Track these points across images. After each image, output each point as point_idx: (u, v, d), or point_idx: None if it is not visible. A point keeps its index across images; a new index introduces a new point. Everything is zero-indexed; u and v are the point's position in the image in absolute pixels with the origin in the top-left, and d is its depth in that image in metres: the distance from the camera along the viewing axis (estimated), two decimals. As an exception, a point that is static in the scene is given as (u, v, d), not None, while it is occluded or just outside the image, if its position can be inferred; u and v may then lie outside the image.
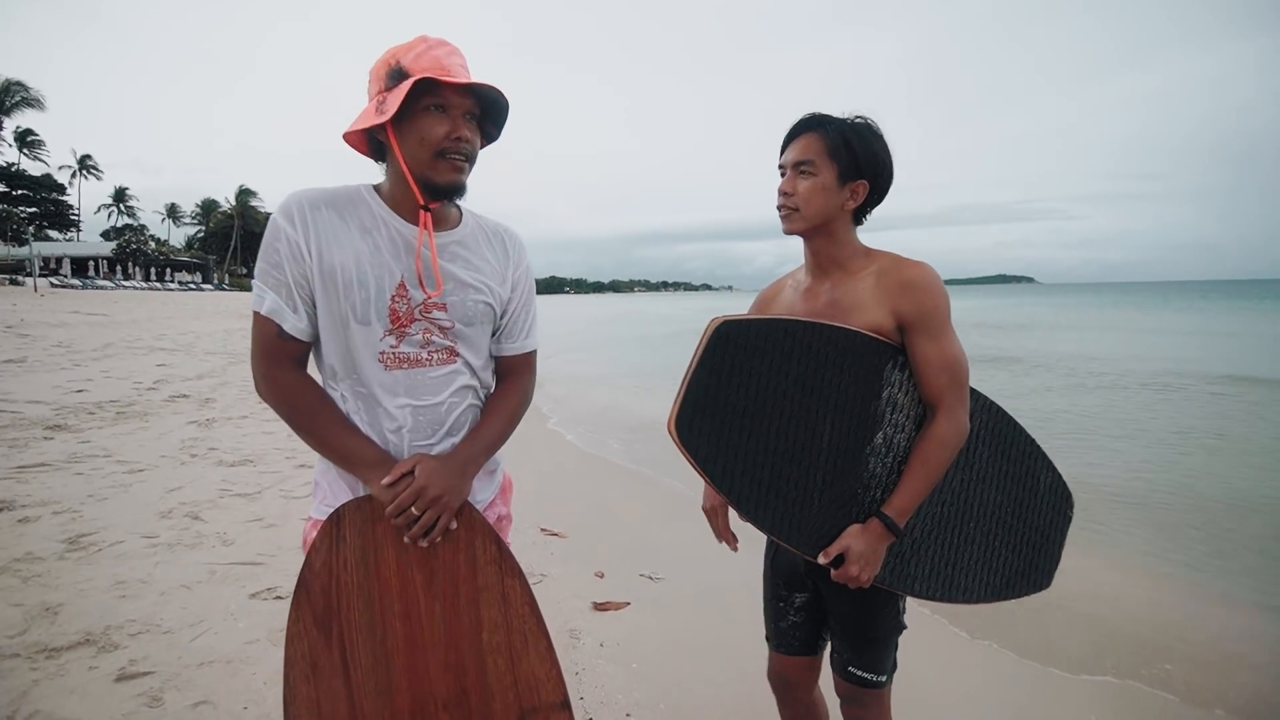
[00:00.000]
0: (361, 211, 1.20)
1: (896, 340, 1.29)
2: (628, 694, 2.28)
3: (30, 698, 2.00)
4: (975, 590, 1.40)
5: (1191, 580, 3.54)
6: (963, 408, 1.28)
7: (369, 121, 1.14)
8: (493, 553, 1.21)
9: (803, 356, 1.27)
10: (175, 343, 13.08)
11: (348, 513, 1.18)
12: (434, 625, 1.19)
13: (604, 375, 12.92)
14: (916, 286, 1.26)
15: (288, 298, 1.17)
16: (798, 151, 1.32)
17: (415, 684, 1.18)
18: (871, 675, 1.39)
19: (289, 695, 1.16)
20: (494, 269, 1.30)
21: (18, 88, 56.03)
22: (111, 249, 65.11)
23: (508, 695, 1.20)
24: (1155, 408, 8.72)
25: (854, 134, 1.29)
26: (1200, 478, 5.47)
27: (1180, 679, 2.53)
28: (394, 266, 1.19)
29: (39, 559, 2.95)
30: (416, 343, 1.21)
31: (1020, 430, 1.44)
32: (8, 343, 10.84)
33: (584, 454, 6.23)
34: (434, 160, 1.15)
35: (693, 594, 3.06)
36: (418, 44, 1.15)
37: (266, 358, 1.19)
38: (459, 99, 1.15)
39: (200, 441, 5.30)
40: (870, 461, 1.29)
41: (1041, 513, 1.45)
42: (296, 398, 1.19)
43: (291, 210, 1.16)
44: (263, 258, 1.18)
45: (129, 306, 25.57)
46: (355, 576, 1.18)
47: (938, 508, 1.36)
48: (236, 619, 2.55)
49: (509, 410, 1.34)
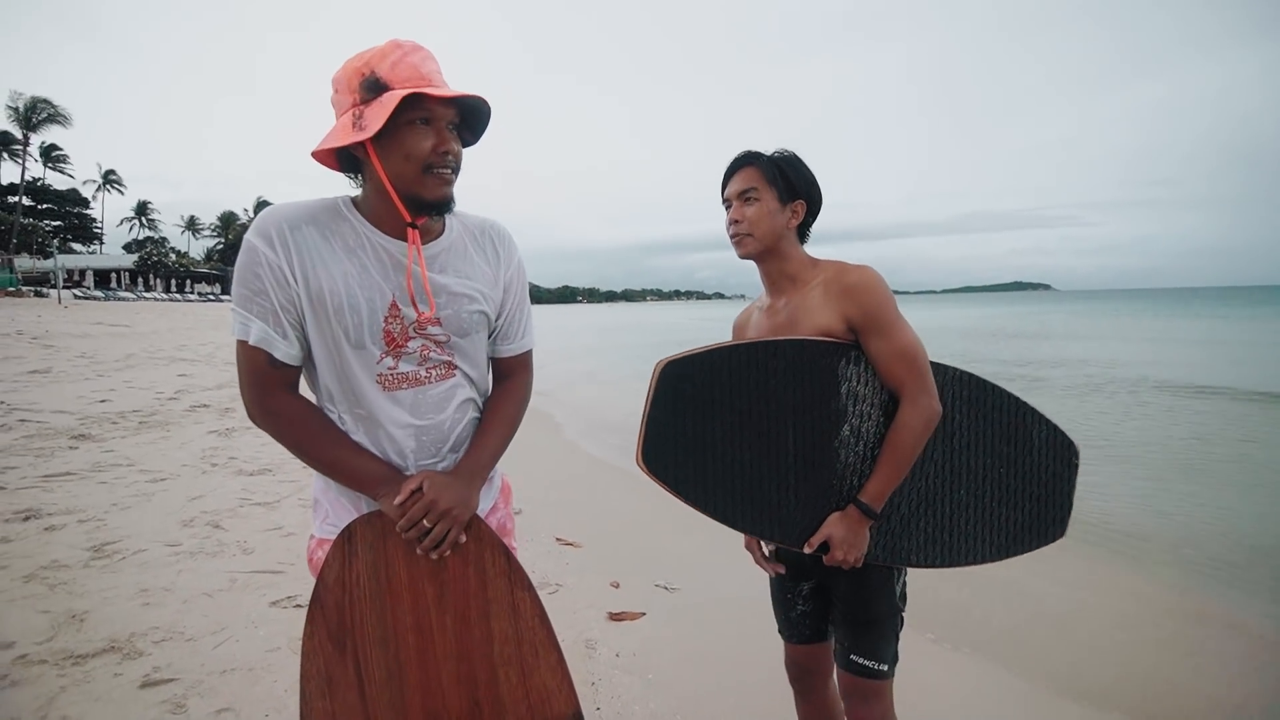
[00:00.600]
0: (344, 229, 1.14)
1: (846, 339, 1.38)
2: (644, 704, 2.28)
3: (58, 704, 2.04)
4: (979, 551, 1.46)
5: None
6: (925, 392, 1.35)
7: (346, 139, 1.05)
8: (502, 565, 1.22)
9: (752, 374, 1.38)
10: (196, 353, 13.28)
11: (359, 528, 1.19)
12: (446, 638, 1.19)
13: (618, 383, 12.96)
14: (858, 289, 1.36)
15: (275, 324, 1.10)
16: (740, 183, 1.46)
17: (428, 697, 1.19)
18: (872, 663, 1.43)
19: (305, 710, 1.17)
20: (485, 273, 1.25)
21: (44, 105, 57.40)
22: (133, 261, 66.36)
23: (520, 708, 1.20)
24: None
25: (784, 163, 1.45)
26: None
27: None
28: (384, 286, 1.14)
29: (65, 566, 3.01)
30: (414, 360, 1.18)
31: (1002, 393, 1.48)
32: (33, 354, 11.07)
33: (599, 464, 6.24)
34: (421, 176, 1.09)
35: (708, 604, 3.06)
36: (391, 50, 1.06)
37: (258, 387, 1.13)
38: (443, 110, 1.09)
39: (220, 451, 5.38)
40: (841, 453, 1.38)
41: (1042, 465, 1.49)
42: (296, 425, 1.15)
43: (270, 231, 1.09)
44: (241, 284, 1.09)
45: (150, 318, 26.01)
46: (367, 591, 1.18)
47: (921, 482, 1.43)
48: (257, 627, 2.58)
49: (508, 417, 1.32)
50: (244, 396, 1.15)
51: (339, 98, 1.09)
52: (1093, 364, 14.62)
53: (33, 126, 57.42)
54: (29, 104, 56.25)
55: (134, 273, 65.66)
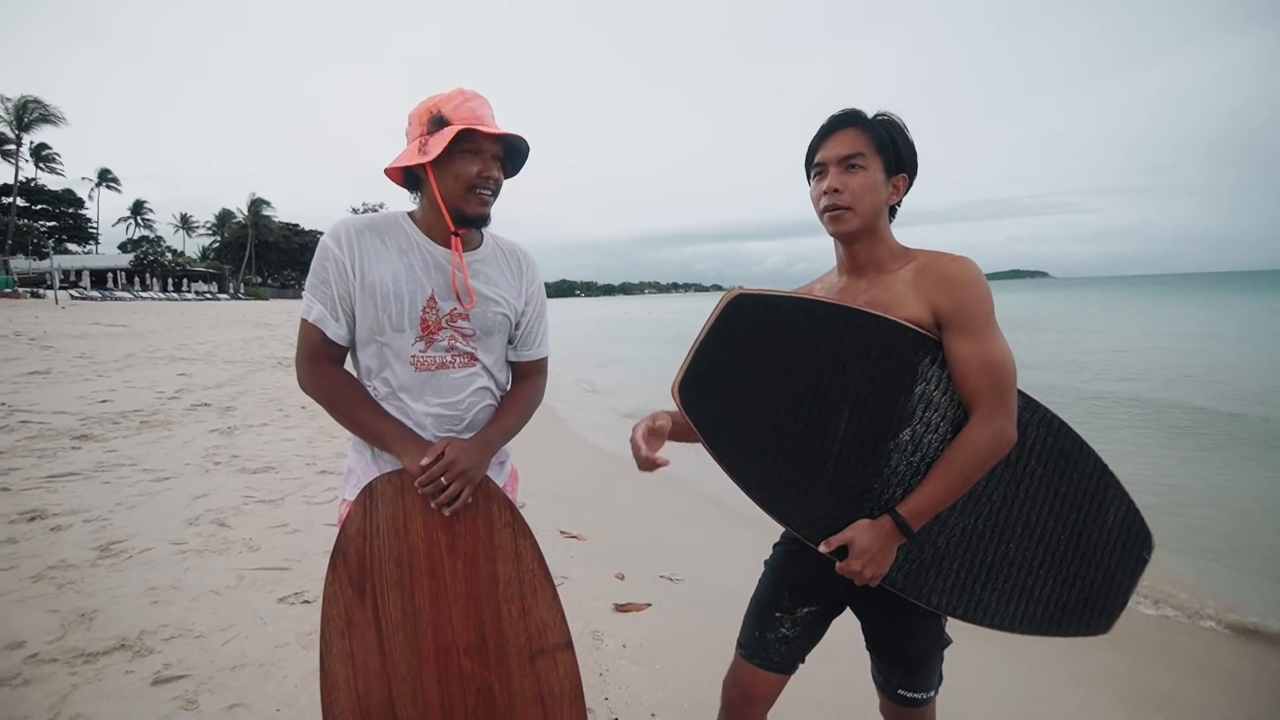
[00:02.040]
0: (399, 235, 1.38)
1: (934, 335, 1.23)
2: (652, 694, 2.30)
3: (70, 701, 2.05)
4: (1009, 616, 1.30)
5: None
6: (1004, 414, 1.18)
7: (412, 160, 1.31)
8: (507, 517, 1.38)
9: (825, 341, 1.22)
10: (194, 352, 13.26)
11: (380, 485, 1.34)
12: (456, 580, 1.34)
13: (620, 376, 12.99)
14: (955, 281, 1.20)
15: (331, 309, 1.35)
16: (843, 145, 1.26)
17: (439, 633, 1.33)
18: (921, 695, 1.37)
19: (325, 649, 1.30)
20: (510, 284, 1.48)
21: (35, 105, 57.03)
22: (129, 261, 66.12)
23: (520, 640, 1.36)
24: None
25: (894, 127, 1.27)
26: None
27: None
28: (425, 282, 1.37)
29: (72, 566, 3.02)
30: (442, 348, 1.39)
31: (1090, 453, 1.30)
32: (32, 355, 11.06)
33: (603, 456, 6.26)
34: (466, 194, 1.33)
35: (713, 595, 3.08)
36: (455, 96, 1.32)
37: (310, 358, 1.37)
38: (490, 144, 1.33)
39: (223, 449, 5.38)
40: (894, 457, 1.23)
41: (1107, 548, 1.30)
42: (336, 388, 1.37)
43: (340, 235, 1.35)
44: (312, 274, 1.36)
45: (148, 317, 25.96)
46: (387, 540, 1.33)
47: (971, 520, 1.27)
48: (266, 623, 2.60)
49: (522, 406, 1.52)
50: (298, 366, 1.39)
51: (411, 129, 1.35)
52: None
53: (25, 126, 57.07)
54: (20, 104, 55.88)
55: (130, 272, 65.43)
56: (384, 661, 1.31)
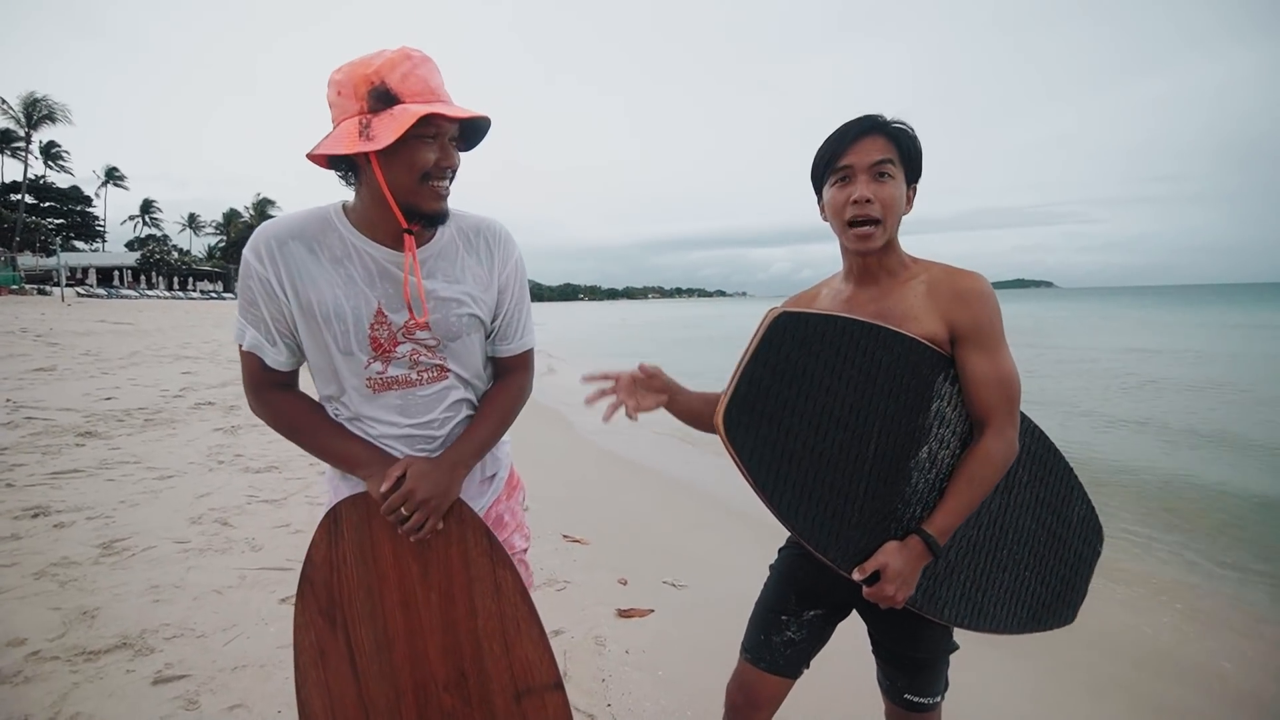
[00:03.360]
0: (331, 240, 1.16)
1: (948, 352, 1.24)
2: (655, 701, 2.28)
3: (71, 700, 2.05)
4: (1003, 620, 1.34)
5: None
6: (1013, 427, 1.22)
7: (353, 147, 1.04)
8: (484, 545, 1.26)
9: (859, 360, 1.21)
10: (199, 350, 13.30)
11: (344, 509, 1.24)
12: (431, 613, 1.24)
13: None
14: (971, 297, 1.21)
15: (266, 333, 1.18)
16: (875, 151, 1.21)
17: (416, 667, 1.25)
18: (928, 699, 1.36)
19: (300, 679, 1.24)
20: (477, 275, 1.25)
21: (44, 102, 57.38)
22: (136, 259, 66.43)
23: (504, 678, 1.26)
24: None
25: (913, 138, 1.24)
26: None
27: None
28: (369, 295, 1.16)
29: (75, 563, 3.02)
30: (404, 364, 1.21)
31: (1060, 457, 1.39)
32: (38, 351, 11.09)
33: (606, 459, 6.25)
34: (419, 185, 1.10)
35: (716, 600, 3.05)
36: (401, 61, 1.05)
37: (254, 386, 1.23)
38: (448, 124, 1.10)
39: (226, 448, 5.39)
40: (914, 476, 1.23)
41: (1072, 545, 1.39)
42: (289, 414, 1.24)
43: (260, 248, 1.14)
44: (240, 294, 1.19)
45: (153, 315, 26.06)
46: (355, 570, 1.24)
47: (973, 530, 1.30)
48: (267, 624, 2.59)
49: (501, 410, 1.32)
50: (245, 393, 1.25)
51: (343, 101, 1.07)
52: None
53: (33, 124, 57.42)
54: (28, 101, 56.22)
55: (136, 270, 65.76)
56: (360, 694, 1.24)
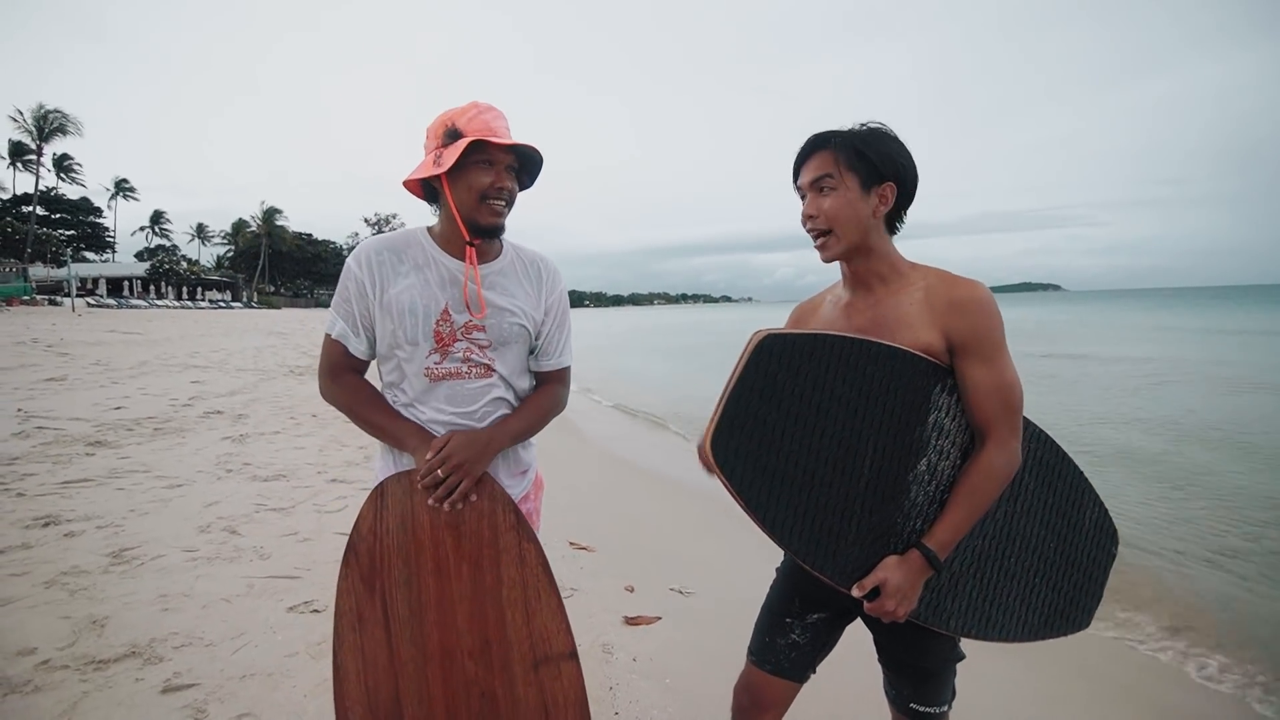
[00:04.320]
0: (415, 252, 1.43)
1: (945, 362, 1.23)
2: (663, 709, 2.27)
3: (81, 709, 2.05)
4: (1013, 629, 1.33)
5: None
6: (1015, 437, 1.21)
7: (427, 172, 1.35)
8: (512, 520, 1.38)
9: (848, 375, 1.21)
10: (208, 360, 13.37)
11: (389, 485, 1.38)
12: (461, 581, 1.36)
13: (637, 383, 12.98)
14: (969, 306, 1.20)
15: (353, 326, 1.42)
16: (813, 170, 1.27)
17: (445, 634, 1.35)
18: (933, 709, 1.35)
19: (338, 642, 1.34)
20: (528, 295, 1.49)
21: (56, 115, 58.04)
22: (145, 269, 67.01)
23: (523, 645, 1.36)
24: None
25: (864, 140, 1.24)
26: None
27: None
28: (439, 296, 1.40)
29: (85, 572, 3.03)
30: (458, 359, 1.42)
31: (1068, 461, 1.37)
32: (49, 361, 11.18)
33: (611, 465, 6.24)
34: (479, 205, 1.35)
35: (723, 608, 3.04)
36: (470, 109, 1.34)
37: (331, 371, 1.45)
38: (502, 155, 1.35)
39: (235, 457, 5.41)
40: (913, 490, 1.23)
41: (1085, 550, 1.38)
42: (354, 394, 1.44)
43: (361, 256, 1.41)
44: (337, 293, 1.43)
45: (162, 325, 26.22)
46: (395, 539, 1.36)
47: (979, 540, 1.30)
48: (275, 632, 2.59)
49: (538, 409, 1.51)
50: (320, 377, 1.47)
51: (428, 143, 1.38)
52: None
53: (45, 136, 58.08)
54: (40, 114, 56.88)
55: (146, 280, 66.31)
56: (391, 658, 1.33)
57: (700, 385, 11.54)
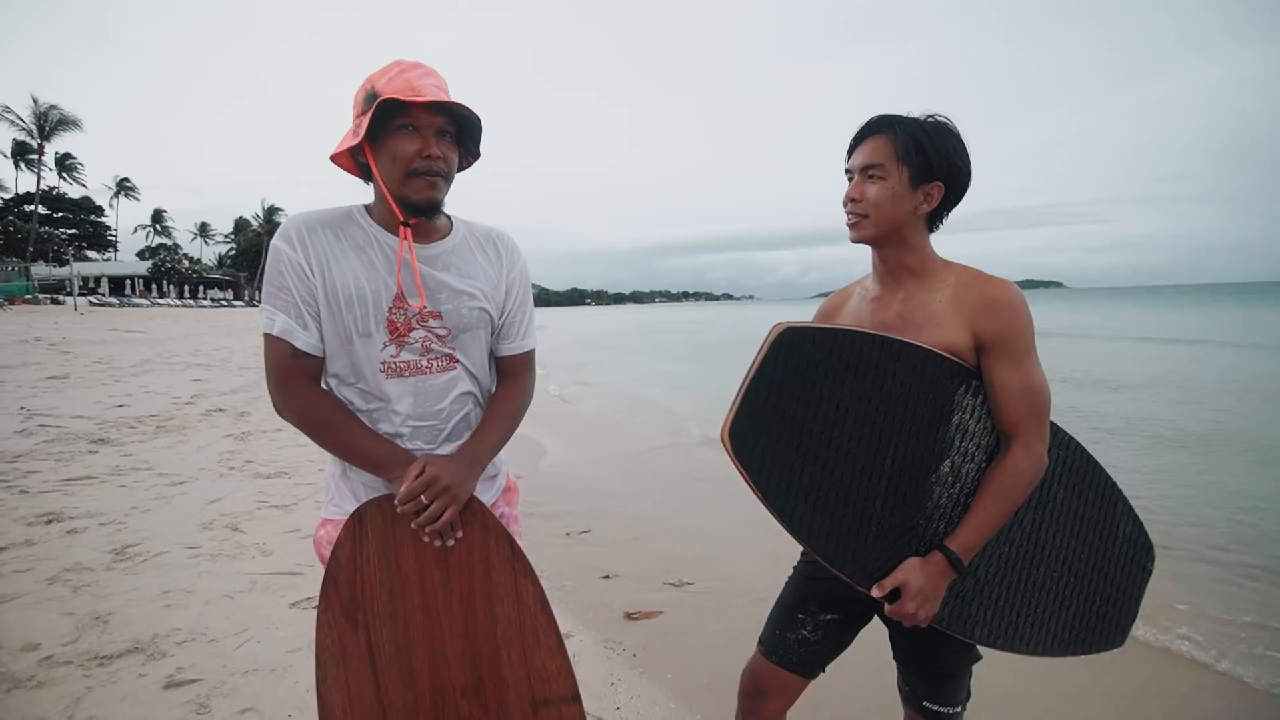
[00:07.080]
0: (354, 230, 1.25)
1: (971, 362, 1.21)
2: (664, 704, 2.28)
3: (84, 704, 2.06)
4: (1041, 641, 1.29)
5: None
6: (1042, 440, 1.19)
7: (345, 145, 1.20)
8: (505, 553, 1.27)
9: (870, 372, 1.19)
10: (210, 358, 13.40)
11: (369, 511, 1.25)
12: (452, 618, 1.25)
13: (631, 379, 12.99)
14: (1000, 305, 1.18)
15: (297, 316, 1.21)
16: (865, 155, 1.25)
17: (435, 671, 1.25)
18: (948, 709, 1.33)
19: (320, 675, 1.24)
20: (487, 274, 1.34)
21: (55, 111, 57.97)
22: (147, 268, 67.10)
23: (521, 686, 1.26)
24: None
25: (926, 134, 1.21)
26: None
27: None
28: (389, 280, 1.24)
29: (88, 569, 3.04)
30: (416, 350, 1.26)
31: (1101, 471, 1.33)
32: (52, 360, 11.21)
33: (612, 458, 6.24)
34: (406, 179, 1.18)
35: (724, 602, 3.04)
36: (391, 68, 1.19)
37: (282, 380, 1.24)
38: (429, 117, 1.17)
39: (237, 454, 5.42)
40: (935, 491, 1.20)
41: (1119, 564, 1.33)
42: (317, 414, 1.25)
43: (290, 234, 1.21)
44: (268, 282, 1.22)
45: (164, 324, 26.28)
46: (377, 571, 1.24)
47: (1006, 547, 1.26)
48: (278, 628, 2.60)
49: (509, 411, 1.38)
50: (271, 391, 1.26)
51: (354, 112, 1.22)
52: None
53: (46, 135, 58.08)
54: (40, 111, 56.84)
55: (148, 279, 66.41)
56: (379, 694, 1.24)
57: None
